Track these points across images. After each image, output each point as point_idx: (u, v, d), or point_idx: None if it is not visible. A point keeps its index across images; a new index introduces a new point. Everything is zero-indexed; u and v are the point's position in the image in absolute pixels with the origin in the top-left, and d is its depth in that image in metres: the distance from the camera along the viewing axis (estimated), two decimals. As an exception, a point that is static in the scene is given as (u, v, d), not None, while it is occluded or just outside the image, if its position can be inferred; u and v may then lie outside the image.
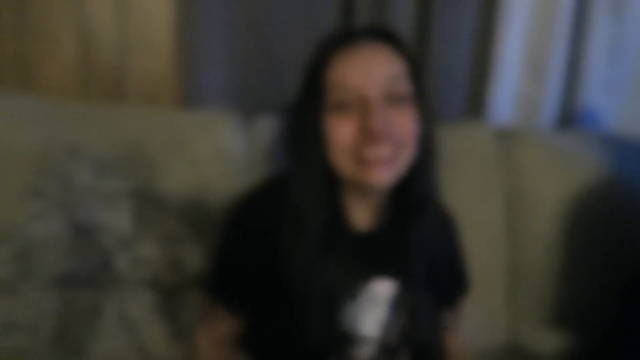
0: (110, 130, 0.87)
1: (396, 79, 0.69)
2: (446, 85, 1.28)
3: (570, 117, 1.35)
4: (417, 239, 0.75)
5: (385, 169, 0.68)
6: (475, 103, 1.32)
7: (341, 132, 0.67)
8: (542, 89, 1.32)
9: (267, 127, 1.01)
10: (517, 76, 1.33)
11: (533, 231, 1.06)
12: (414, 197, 0.74)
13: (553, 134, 1.21)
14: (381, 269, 0.74)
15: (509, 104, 1.33)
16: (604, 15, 1.30)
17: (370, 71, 0.69)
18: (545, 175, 1.09)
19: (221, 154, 0.90)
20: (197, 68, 1.16)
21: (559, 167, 1.10)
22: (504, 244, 1.08)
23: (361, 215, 0.76)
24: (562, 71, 1.33)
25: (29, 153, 0.79)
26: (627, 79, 1.38)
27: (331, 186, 0.71)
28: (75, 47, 1.16)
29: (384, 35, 0.74)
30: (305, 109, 0.71)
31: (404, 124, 0.69)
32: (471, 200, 1.06)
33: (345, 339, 0.71)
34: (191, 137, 0.89)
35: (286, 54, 1.20)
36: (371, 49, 0.71)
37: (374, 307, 0.73)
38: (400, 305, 0.74)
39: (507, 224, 1.09)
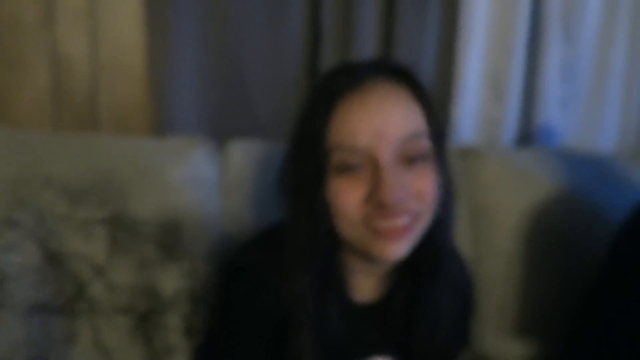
0: (82, 158, 0.88)
1: (414, 137, 0.58)
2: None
3: (529, 134, 1.42)
4: (426, 312, 0.66)
5: (402, 241, 0.58)
6: (439, 123, 1.38)
7: (348, 200, 0.57)
8: (503, 109, 1.39)
9: (239, 153, 1.04)
10: (479, 97, 1.39)
11: (495, 244, 1.11)
12: (426, 263, 0.64)
13: (513, 151, 1.26)
14: (382, 344, 0.67)
15: (472, 124, 1.39)
16: (556, 36, 1.38)
17: (383, 128, 0.56)
18: (506, 191, 1.14)
19: (193, 180, 0.92)
20: (169, 95, 1.19)
21: (518, 182, 1.15)
22: (469, 257, 1.13)
23: (364, 283, 0.66)
24: (520, 91, 1.39)
25: (2, 184, 0.81)
26: (580, 96, 1.46)
27: (332, 250, 0.62)
28: (47, 75, 1.18)
29: (398, 73, 0.61)
30: (303, 169, 0.59)
31: (422, 189, 0.59)
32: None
33: None
34: (162, 164, 0.91)
35: (257, 79, 1.24)
36: (383, 96, 0.58)
37: None
38: None
39: (471, 238, 1.13)
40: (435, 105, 0.62)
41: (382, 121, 0.57)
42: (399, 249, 0.59)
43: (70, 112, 1.20)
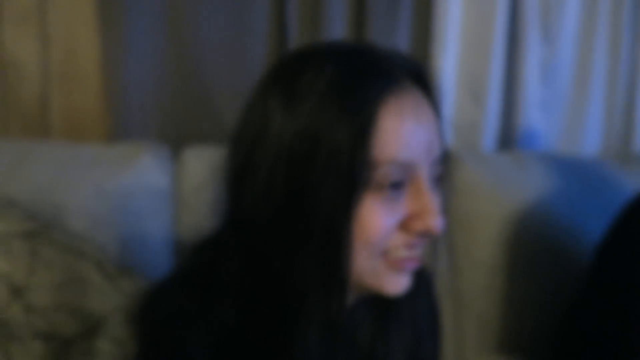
0: (12, 166, 0.81)
1: (440, 159, 0.49)
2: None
3: (509, 139, 1.36)
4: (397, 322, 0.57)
5: (410, 274, 0.50)
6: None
7: (382, 225, 0.46)
8: (482, 113, 1.33)
9: (195, 160, 0.97)
10: (456, 101, 1.33)
11: (474, 255, 1.04)
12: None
13: (492, 155, 1.20)
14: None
15: (450, 129, 1.33)
16: (535, 36, 1.33)
17: (431, 141, 0.47)
18: (485, 197, 1.08)
19: (139, 189, 0.85)
20: (125, 100, 1.12)
21: (497, 188, 1.09)
22: (445, 268, 1.06)
23: None
24: (499, 94, 1.34)
25: None
26: (562, 98, 1.40)
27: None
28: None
29: (425, 80, 0.50)
30: (328, 188, 0.45)
31: (442, 212, 0.49)
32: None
33: None
34: (104, 172, 0.84)
35: (218, 81, 1.17)
36: (419, 103, 0.48)
37: None
38: None
39: (448, 248, 1.06)
40: None
41: (429, 133, 0.47)
42: (406, 282, 0.50)
43: (20, 118, 1.12)
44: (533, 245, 1.04)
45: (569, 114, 1.42)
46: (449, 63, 1.29)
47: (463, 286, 1.05)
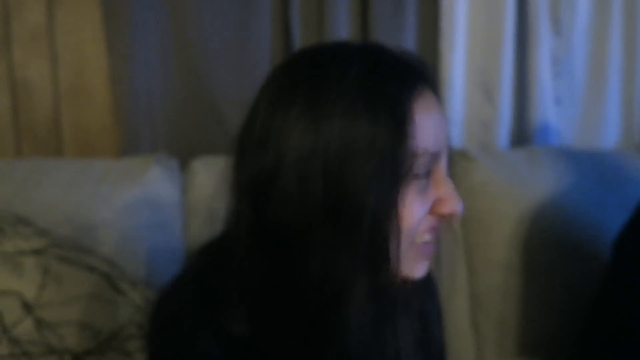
0: (23, 184, 0.82)
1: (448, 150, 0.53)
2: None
3: (524, 135, 1.33)
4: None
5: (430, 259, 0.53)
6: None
7: (419, 211, 0.48)
8: (494, 110, 1.30)
9: (204, 170, 0.97)
10: (467, 98, 1.31)
11: (490, 255, 1.02)
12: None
13: (506, 152, 1.18)
14: None
15: (462, 127, 1.31)
16: (545, 29, 1.30)
17: (441, 131, 0.50)
18: (499, 195, 1.06)
19: (148, 201, 0.85)
20: (133, 115, 1.12)
21: (512, 185, 1.07)
22: (463, 269, 1.04)
23: None
24: (511, 90, 1.31)
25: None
26: (576, 92, 1.37)
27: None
28: (6, 100, 1.12)
29: (432, 76, 0.53)
30: (379, 181, 0.46)
31: None
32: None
33: None
34: (112, 186, 0.85)
35: (226, 93, 1.17)
36: (433, 98, 0.51)
37: None
38: None
39: (464, 248, 1.04)
40: None
41: (440, 124, 0.50)
42: (425, 267, 0.52)
43: (32, 138, 1.14)
44: (550, 243, 1.01)
45: (585, 107, 1.39)
46: (458, 60, 1.27)
47: (480, 287, 1.03)
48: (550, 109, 1.33)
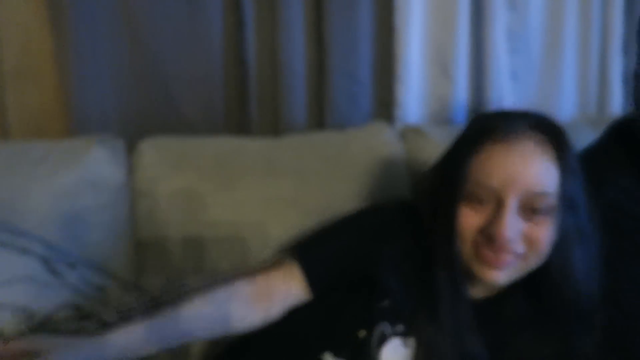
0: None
1: (541, 195, 0.65)
2: (352, 90, 1.25)
3: (481, 110, 1.34)
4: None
5: (501, 272, 0.66)
6: (384, 105, 1.30)
7: (468, 224, 0.66)
8: (451, 84, 1.30)
9: (151, 150, 0.95)
10: (424, 74, 1.31)
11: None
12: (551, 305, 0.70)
13: (458, 127, 1.18)
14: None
15: (419, 103, 1.31)
16: (501, 4, 1.29)
17: (517, 179, 0.64)
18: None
19: (90, 183, 0.83)
20: (82, 97, 1.10)
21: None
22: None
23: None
24: (468, 65, 1.31)
25: None
26: (533, 67, 1.38)
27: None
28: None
29: (548, 132, 0.67)
30: (444, 188, 0.69)
31: (534, 237, 0.65)
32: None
33: None
34: (52, 168, 0.83)
35: (178, 73, 1.15)
36: (527, 150, 0.65)
37: None
38: None
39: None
40: (576, 167, 0.68)
41: (517, 173, 0.64)
42: (497, 276, 0.67)
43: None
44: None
45: (541, 81, 1.39)
46: (414, 36, 1.26)
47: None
48: (506, 83, 1.34)
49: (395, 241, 0.73)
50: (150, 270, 0.92)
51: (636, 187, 0.76)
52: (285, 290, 0.72)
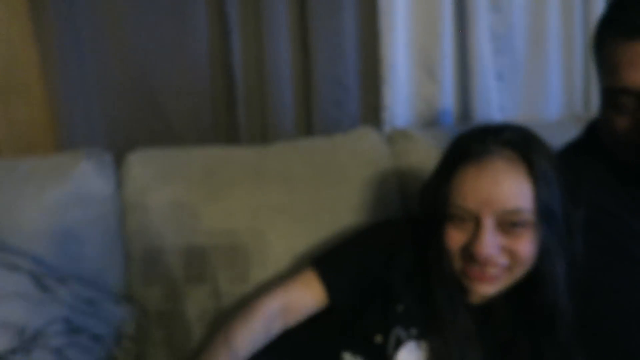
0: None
1: (517, 211, 0.67)
2: (339, 95, 1.26)
3: (467, 111, 1.35)
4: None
5: (488, 285, 0.70)
6: (372, 110, 1.31)
7: (452, 242, 0.70)
8: (437, 86, 1.32)
9: (139, 162, 0.95)
10: (410, 77, 1.32)
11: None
12: (536, 313, 0.72)
13: (447, 129, 1.19)
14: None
15: (406, 107, 1.32)
16: (484, 5, 1.31)
17: (491, 198, 0.67)
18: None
19: (78, 198, 0.83)
20: (69, 109, 1.10)
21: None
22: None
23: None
24: (453, 66, 1.32)
25: None
26: (519, 67, 1.39)
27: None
28: None
29: (520, 149, 0.69)
30: (430, 210, 0.74)
31: (515, 249, 0.68)
32: (367, 207, 1.02)
33: None
34: (39, 184, 0.83)
35: (164, 83, 1.15)
36: (500, 169, 0.68)
37: None
38: None
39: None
40: (552, 180, 0.70)
41: (490, 194, 0.67)
42: (485, 289, 0.71)
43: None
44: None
45: (526, 81, 1.41)
46: (399, 39, 1.27)
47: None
48: (492, 84, 1.35)
49: (406, 253, 0.77)
50: (143, 283, 0.92)
51: (612, 183, 0.77)
52: (309, 304, 0.79)
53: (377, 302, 0.76)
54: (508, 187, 0.67)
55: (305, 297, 0.78)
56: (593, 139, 0.81)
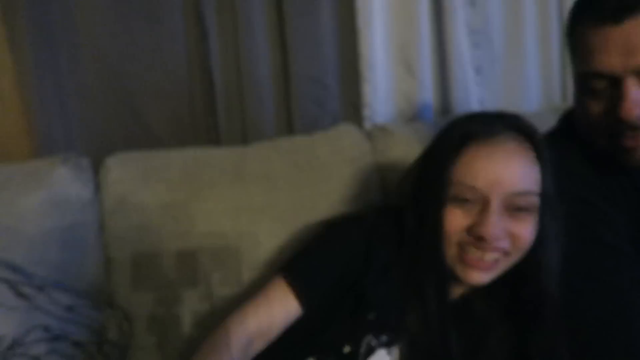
0: None
1: (525, 194, 0.67)
2: (318, 93, 1.26)
3: (447, 105, 1.36)
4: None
5: (485, 273, 0.69)
6: (352, 107, 1.31)
7: (455, 223, 0.68)
8: (416, 82, 1.32)
9: (117, 166, 0.95)
10: (389, 73, 1.32)
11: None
12: (528, 302, 0.72)
13: (426, 124, 1.20)
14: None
15: (386, 103, 1.32)
16: (460, 0, 1.31)
17: (502, 179, 0.66)
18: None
19: (55, 204, 0.83)
20: (45, 116, 1.09)
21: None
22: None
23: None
24: (431, 61, 1.33)
25: None
26: (497, 61, 1.40)
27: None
28: None
29: (527, 133, 0.69)
30: (427, 191, 0.70)
31: (518, 234, 0.68)
32: (349, 203, 1.02)
33: None
34: (13, 191, 0.82)
35: (142, 86, 1.14)
36: (510, 151, 0.68)
37: None
38: None
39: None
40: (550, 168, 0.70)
41: (502, 173, 0.66)
42: (480, 277, 0.69)
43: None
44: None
45: (505, 74, 1.42)
46: (377, 36, 1.28)
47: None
48: (471, 78, 1.36)
49: (380, 250, 0.74)
50: (125, 287, 0.91)
51: (587, 172, 0.77)
52: (283, 316, 0.74)
53: (347, 309, 0.73)
54: (519, 169, 0.67)
55: (279, 312, 0.74)
56: (568, 129, 0.82)
